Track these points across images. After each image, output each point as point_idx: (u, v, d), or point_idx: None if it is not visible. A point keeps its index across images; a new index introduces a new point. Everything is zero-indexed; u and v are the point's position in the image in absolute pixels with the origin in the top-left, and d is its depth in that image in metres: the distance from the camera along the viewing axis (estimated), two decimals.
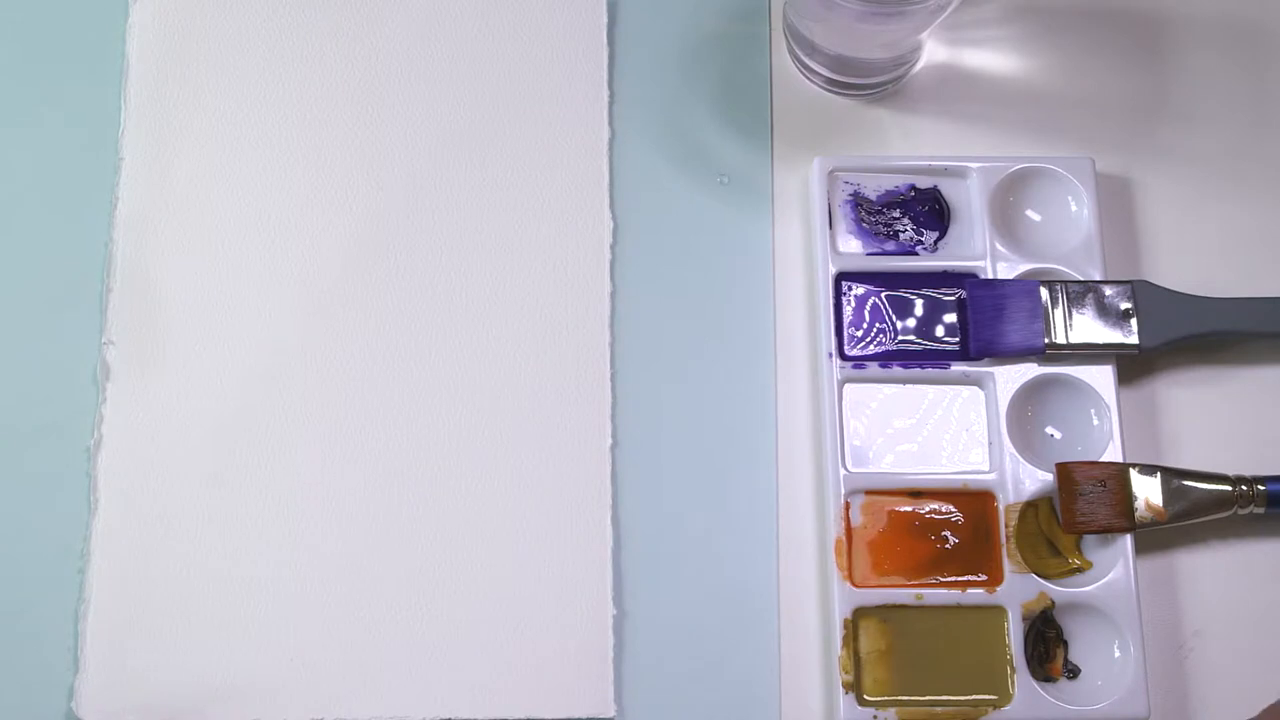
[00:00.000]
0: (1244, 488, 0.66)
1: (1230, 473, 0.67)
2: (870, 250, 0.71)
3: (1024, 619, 0.65)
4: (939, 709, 0.64)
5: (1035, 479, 0.67)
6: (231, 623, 0.66)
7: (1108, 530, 0.66)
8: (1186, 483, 0.66)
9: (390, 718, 0.65)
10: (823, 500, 0.68)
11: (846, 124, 0.74)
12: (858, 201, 0.71)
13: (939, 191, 0.72)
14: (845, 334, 0.69)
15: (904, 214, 0.72)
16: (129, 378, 0.69)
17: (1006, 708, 0.64)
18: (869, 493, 0.67)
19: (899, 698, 0.65)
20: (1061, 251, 0.70)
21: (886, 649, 0.65)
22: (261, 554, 0.67)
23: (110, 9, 0.74)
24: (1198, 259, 0.73)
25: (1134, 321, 0.68)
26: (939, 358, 0.69)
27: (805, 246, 0.72)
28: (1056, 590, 0.66)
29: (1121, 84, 0.75)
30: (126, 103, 0.73)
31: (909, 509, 0.67)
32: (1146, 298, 0.69)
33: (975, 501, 0.67)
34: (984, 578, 0.66)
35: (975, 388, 0.69)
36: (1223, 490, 0.66)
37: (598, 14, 0.75)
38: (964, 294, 0.69)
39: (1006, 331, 0.68)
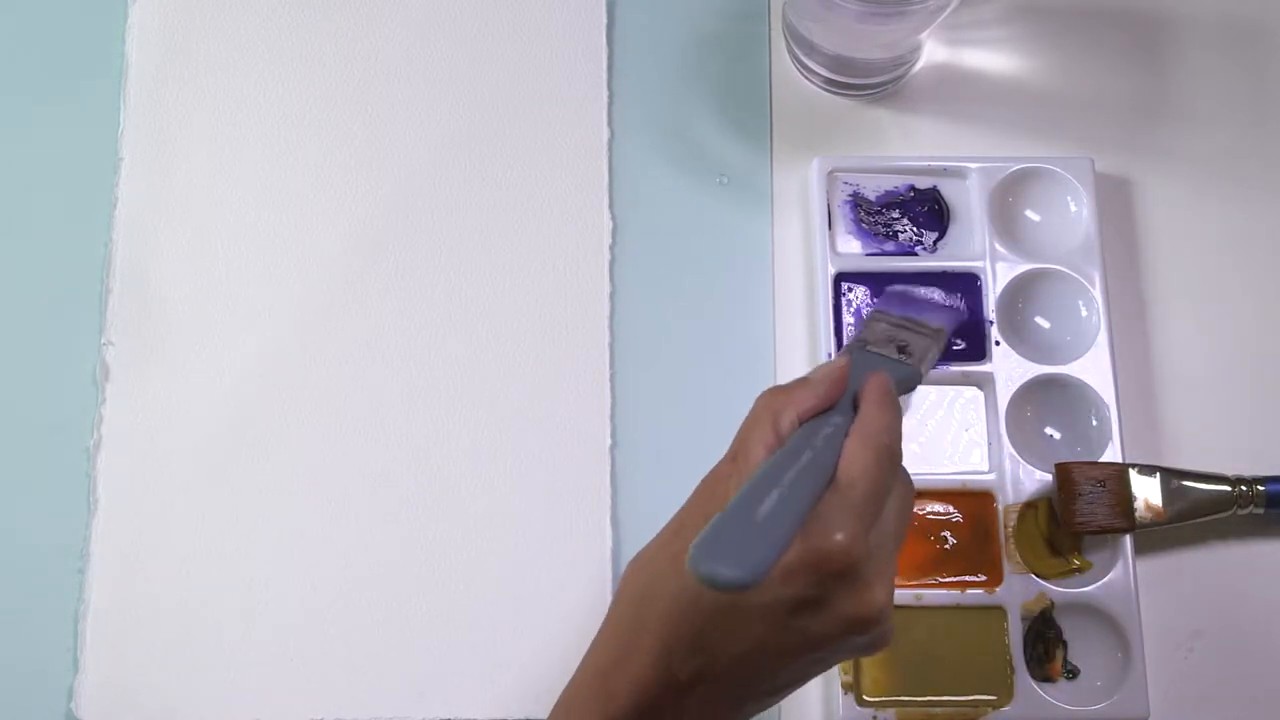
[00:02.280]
0: (1244, 488, 0.66)
1: (1230, 473, 0.67)
2: (869, 251, 0.71)
3: (1023, 619, 0.65)
4: (938, 709, 0.64)
5: (1035, 479, 0.67)
6: (231, 623, 0.66)
7: (1107, 531, 0.66)
8: (1186, 483, 0.66)
9: (390, 718, 0.65)
10: None
11: (846, 124, 0.74)
12: (857, 202, 0.71)
13: (938, 192, 0.72)
14: (845, 334, 0.69)
15: (903, 214, 0.71)
16: (129, 378, 0.69)
17: (1006, 708, 0.64)
18: None
19: (898, 698, 0.65)
20: (1061, 251, 0.70)
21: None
22: (260, 554, 0.67)
23: (110, 9, 0.74)
24: (1198, 259, 0.73)
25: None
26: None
27: (805, 247, 0.72)
28: (1056, 590, 0.66)
29: (1121, 84, 0.75)
30: (126, 103, 0.73)
31: None
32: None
33: (974, 502, 0.67)
34: (983, 578, 0.66)
35: (975, 388, 0.69)
36: (1222, 490, 0.66)
37: (597, 14, 0.75)
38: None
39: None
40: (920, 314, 0.59)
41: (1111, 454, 0.67)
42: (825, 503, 0.49)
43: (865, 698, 0.65)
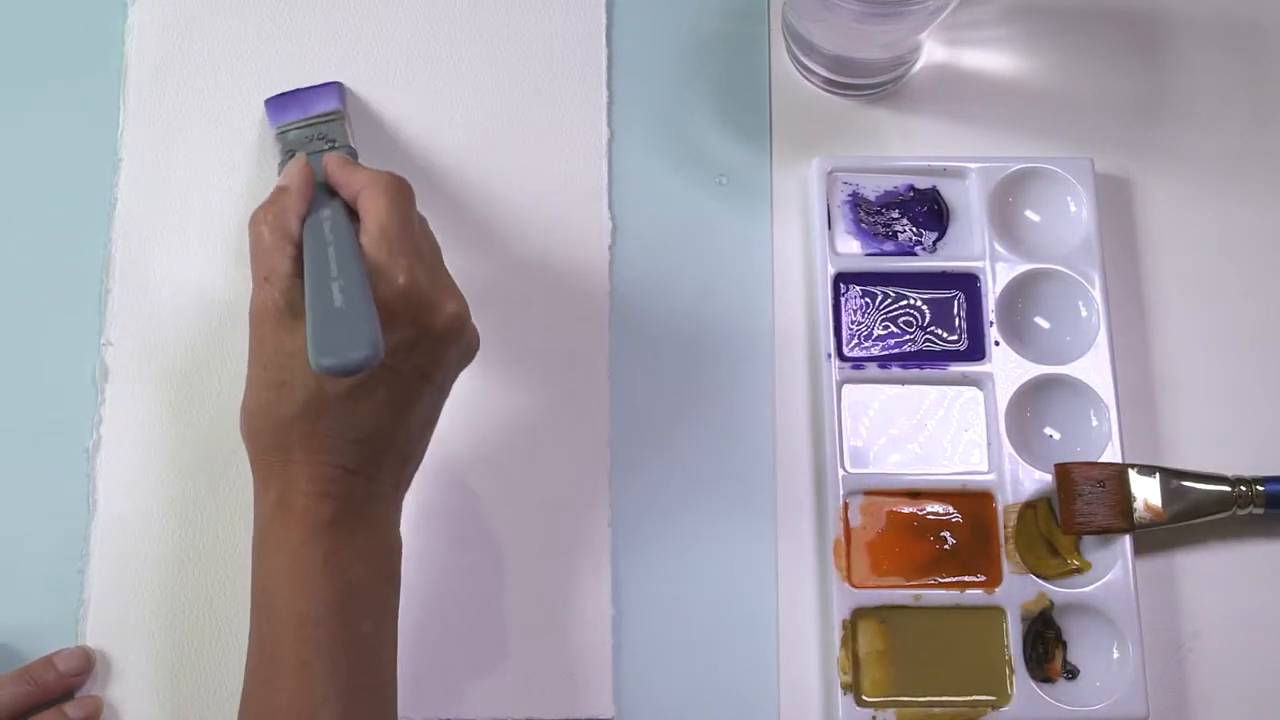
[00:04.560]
0: (1243, 488, 0.66)
1: (1230, 473, 0.67)
2: (869, 250, 0.71)
3: (1023, 620, 0.65)
4: (937, 709, 0.64)
5: (1034, 479, 0.67)
6: (230, 623, 0.66)
7: (1106, 531, 0.66)
8: (1185, 483, 0.66)
9: None
10: (822, 501, 0.68)
11: (845, 124, 0.74)
12: (857, 202, 0.71)
13: (938, 192, 0.72)
14: (845, 334, 0.69)
15: (903, 214, 0.71)
16: (128, 378, 0.69)
17: (1005, 708, 0.64)
18: (868, 493, 0.67)
19: (897, 698, 0.65)
20: (1061, 251, 0.70)
21: (885, 650, 0.65)
22: None
23: (110, 9, 0.74)
24: (1198, 259, 0.73)
25: None
26: (937, 358, 0.69)
27: (804, 247, 0.72)
28: (1055, 591, 0.66)
29: (1121, 84, 0.75)
30: (125, 103, 0.73)
31: (908, 510, 0.67)
32: None
33: (974, 502, 0.67)
34: (983, 578, 0.66)
35: (975, 388, 0.69)
36: (1222, 490, 0.66)
37: (597, 14, 0.75)
38: None
39: None
40: (311, 107, 0.68)
41: (1111, 454, 0.67)
42: (373, 259, 0.55)
43: (865, 698, 0.65)
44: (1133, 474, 0.66)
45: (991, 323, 0.69)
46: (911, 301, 0.70)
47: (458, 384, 0.69)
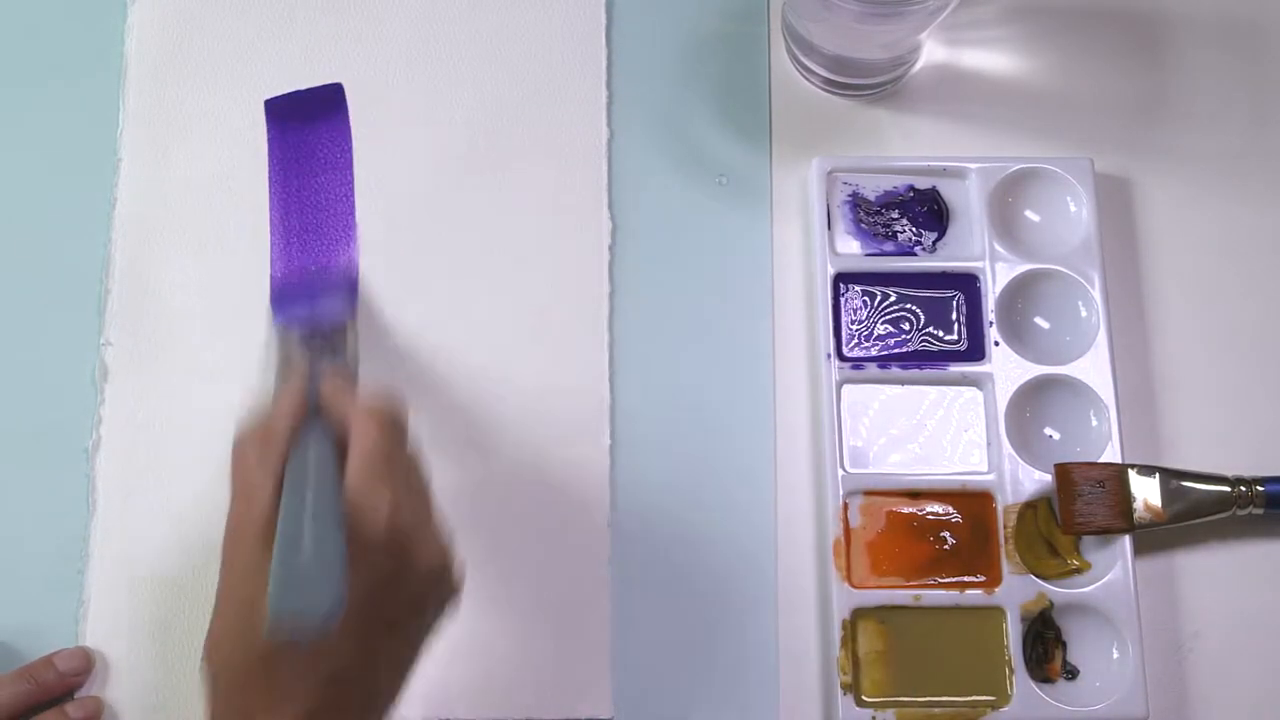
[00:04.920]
0: (1243, 488, 0.66)
1: (1230, 473, 0.67)
2: (869, 251, 0.71)
3: (1022, 620, 0.65)
4: (937, 710, 0.64)
5: (1034, 480, 0.67)
6: None
7: (1106, 531, 0.66)
8: (1185, 483, 0.66)
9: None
10: (821, 501, 0.68)
11: (845, 124, 0.74)
12: (856, 202, 0.71)
13: (938, 192, 0.72)
14: (844, 334, 0.69)
15: (903, 214, 0.71)
16: (128, 378, 0.69)
17: (1005, 709, 0.64)
18: (868, 493, 0.67)
19: (897, 699, 0.65)
20: (1061, 251, 0.70)
21: (885, 650, 0.65)
22: None
23: (110, 9, 0.74)
24: (1198, 259, 0.73)
25: None
26: (937, 358, 0.69)
27: (804, 247, 0.72)
28: (1055, 591, 0.66)
29: (1121, 84, 0.75)
30: (125, 103, 0.73)
31: (908, 510, 0.67)
32: None
33: (974, 502, 0.67)
34: (982, 579, 0.66)
35: (974, 389, 0.69)
36: (1221, 491, 0.66)
37: (597, 14, 0.75)
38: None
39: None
40: (317, 306, 0.65)
41: (1111, 454, 0.67)
42: (355, 492, 0.52)
43: (864, 698, 0.65)
44: (1133, 474, 0.66)
45: (991, 323, 0.69)
46: (911, 302, 0.70)
47: (455, 385, 0.69)
